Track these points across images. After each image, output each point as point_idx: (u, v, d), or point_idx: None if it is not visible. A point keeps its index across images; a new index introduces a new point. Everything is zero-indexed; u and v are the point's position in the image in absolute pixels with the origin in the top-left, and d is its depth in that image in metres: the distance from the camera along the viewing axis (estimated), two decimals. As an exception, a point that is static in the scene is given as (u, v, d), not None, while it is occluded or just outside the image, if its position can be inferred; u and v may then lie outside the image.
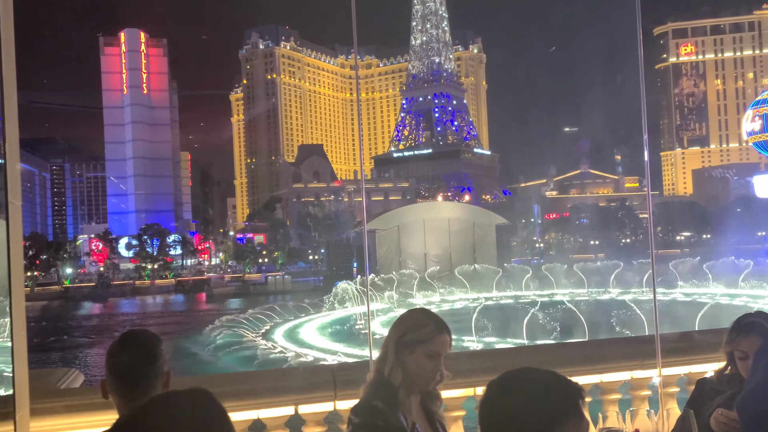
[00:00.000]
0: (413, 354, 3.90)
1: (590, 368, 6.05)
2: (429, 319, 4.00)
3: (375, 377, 3.97)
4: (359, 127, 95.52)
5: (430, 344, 3.90)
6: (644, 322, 33.35)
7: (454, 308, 57.31)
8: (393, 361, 3.91)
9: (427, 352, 3.89)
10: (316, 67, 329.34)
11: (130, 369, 3.61)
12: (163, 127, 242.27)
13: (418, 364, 3.89)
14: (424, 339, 3.90)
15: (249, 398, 5.29)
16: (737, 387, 4.42)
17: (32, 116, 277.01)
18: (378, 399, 3.80)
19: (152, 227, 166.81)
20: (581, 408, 2.32)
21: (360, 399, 3.94)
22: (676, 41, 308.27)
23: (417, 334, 3.92)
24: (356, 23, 5.82)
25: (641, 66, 5.93)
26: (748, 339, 4.40)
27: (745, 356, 4.39)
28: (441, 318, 4.03)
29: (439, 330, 3.94)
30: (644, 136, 5.84)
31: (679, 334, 6.78)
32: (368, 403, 3.81)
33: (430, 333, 3.91)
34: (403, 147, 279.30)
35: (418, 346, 3.90)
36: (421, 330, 3.93)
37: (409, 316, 4.05)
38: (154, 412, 1.91)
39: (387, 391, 3.85)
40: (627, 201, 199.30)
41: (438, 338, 3.92)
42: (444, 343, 3.95)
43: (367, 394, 3.91)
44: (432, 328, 3.94)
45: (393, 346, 3.94)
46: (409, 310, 4.16)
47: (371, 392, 3.90)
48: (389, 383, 3.88)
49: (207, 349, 46.74)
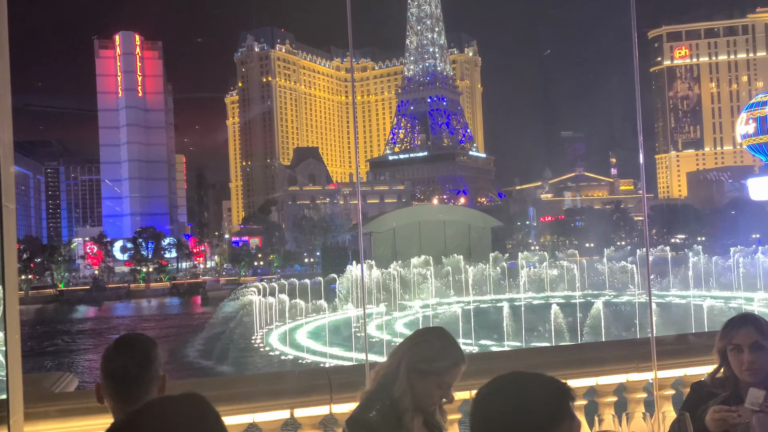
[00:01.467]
0: (424, 381, 3.79)
1: (586, 371, 6.05)
2: (446, 351, 3.83)
3: (374, 388, 3.89)
4: (355, 129, 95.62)
5: (444, 377, 3.80)
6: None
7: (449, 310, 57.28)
8: (404, 384, 3.80)
9: (439, 383, 3.80)
10: (312, 69, 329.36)
11: (125, 373, 3.58)
12: (158, 130, 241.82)
13: (426, 391, 3.80)
14: (439, 372, 3.79)
15: (244, 402, 5.27)
16: (731, 389, 4.44)
17: (27, 119, 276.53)
18: (373, 410, 3.73)
19: (147, 230, 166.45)
20: (572, 409, 2.33)
21: (355, 409, 3.88)
22: (670, 44, 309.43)
23: (432, 366, 3.78)
24: (352, 26, 5.82)
25: (636, 69, 5.94)
26: (742, 331, 4.40)
27: (739, 349, 4.40)
28: (458, 346, 3.89)
29: (455, 365, 3.81)
30: (639, 138, 5.85)
31: (675, 336, 6.79)
32: (363, 416, 3.74)
33: (446, 368, 3.79)
34: (398, 150, 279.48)
35: (431, 376, 3.79)
36: (437, 363, 3.78)
37: (427, 341, 3.88)
38: (148, 416, 1.91)
39: (385, 404, 3.78)
40: (622, 203, 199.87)
41: (452, 372, 3.82)
42: (457, 375, 3.85)
43: (363, 405, 3.84)
44: (449, 363, 3.80)
45: (405, 370, 3.81)
46: (426, 330, 4.02)
47: (367, 404, 3.82)
48: (393, 400, 3.79)
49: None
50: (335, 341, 41.11)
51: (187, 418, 1.93)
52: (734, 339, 4.44)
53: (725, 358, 4.52)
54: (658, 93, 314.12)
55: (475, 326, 40.01)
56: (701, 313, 38.85)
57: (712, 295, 61.02)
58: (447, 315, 49.91)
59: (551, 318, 37.77)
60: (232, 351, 43.88)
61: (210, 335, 54.98)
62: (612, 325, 38.39)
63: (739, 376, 4.40)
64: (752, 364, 4.31)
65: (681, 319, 39.80)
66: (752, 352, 4.32)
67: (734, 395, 4.40)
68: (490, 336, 39.45)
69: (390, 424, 3.72)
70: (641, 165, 6.08)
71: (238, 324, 51.83)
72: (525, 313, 41.13)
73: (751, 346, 4.34)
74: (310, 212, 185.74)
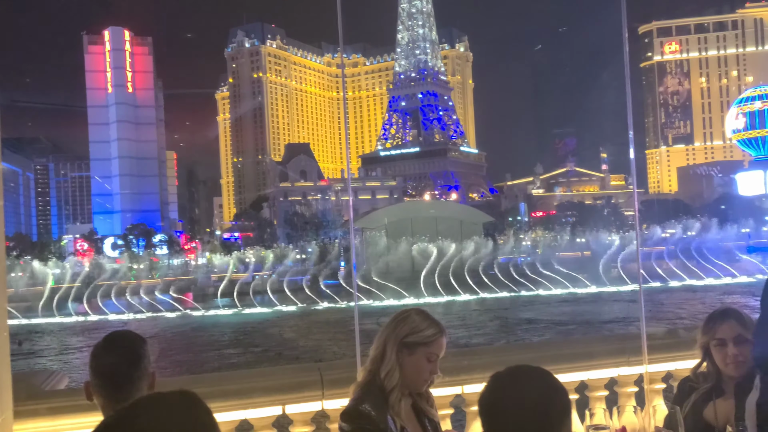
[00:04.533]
0: (413, 356, 3.90)
1: (577, 365, 6.07)
2: (430, 321, 4.00)
3: (366, 378, 3.96)
4: (346, 125, 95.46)
5: (432, 347, 3.92)
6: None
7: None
8: (392, 362, 3.89)
9: (428, 354, 3.91)
10: (303, 65, 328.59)
11: (114, 370, 3.57)
12: (149, 126, 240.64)
13: (416, 366, 3.90)
14: (427, 341, 3.91)
15: (236, 398, 5.25)
16: (713, 381, 4.50)
17: (15, 115, 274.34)
18: (367, 402, 3.77)
19: (138, 227, 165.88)
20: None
21: (349, 402, 3.92)
22: (660, 40, 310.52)
23: (419, 336, 3.91)
24: (342, 21, 5.80)
25: (626, 65, 5.95)
26: (725, 325, 4.45)
27: (723, 343, 4.44)
28: (437, 319, 4.05)
29: (440, 333, 3.97)
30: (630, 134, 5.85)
31: (665, 330, 6.83)
32: (356, 407, 3.78)
33: (432, 336, 3.92)
34: (390, 146, 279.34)
35: (419, 348, 3.90)
36: (423, 332, 3.93)
37: (409, 316, 4.01)
38: (139, 413, 1.89)
39: (376, 394, 3.84)
40: (612, 199, 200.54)
41: (439, 341, 3.95)
42: (443, 346, 3.99)
43: (356, 397, 3.89)
44: (434, 330, 3.95)
45: (393, 347, 3.92)
46: (405, 310, 4.14)
47: (360, 395, 3.87)
48: (381, 386, 3.87)
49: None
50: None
51: (179, 415, 1.91)
52: (717, 333, 4.48)
53: (708, 353, 4.57)
54: (648, 88, 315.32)
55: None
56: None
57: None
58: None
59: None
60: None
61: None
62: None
63: (723, 370, 4.46)
64: (737, 357, 4.36)
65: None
66: (736, 345, 4.37)
67: (716, 388, 4.46)
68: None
69: (385, 413, 3.78)
70: (632, 160, 6.09)
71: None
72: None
73: (735, 339, 4.39)
74: (301, 208, 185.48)
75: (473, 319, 55.12)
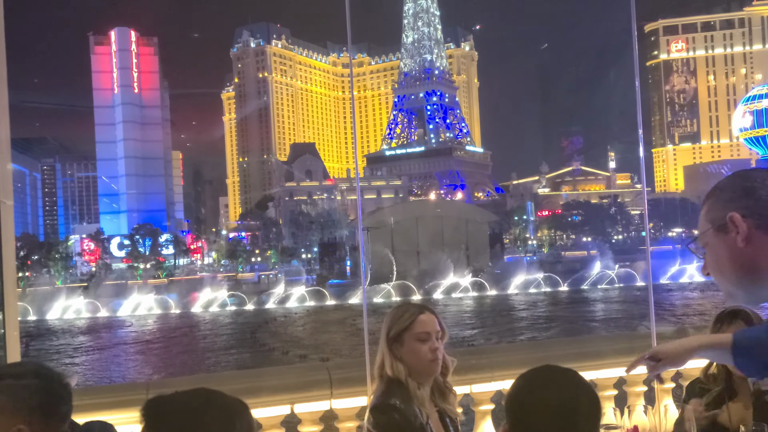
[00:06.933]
0: (404, 345, 3.92)
1: (586, 364, 6.05)
2: (405, 306, 4.06)
3: (381, 382, 3.98)
4: (353, 125, 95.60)
5: (414, 327, 3.92)
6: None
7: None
8: (390, 359, 3.92)
9: (416, 336, 3.91)
10: (308, 65, 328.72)
11: None
12: (155, 126, 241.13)
13: (412, 352, 3.90)
14: (407, 326, 3.93)
15: (244, 398, 5.24)
16: (723, 383, 4.44)
17: (23, 116, 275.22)
18: (394, 396, 3.80)
19: (144, 227, 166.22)
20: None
21: (374, 398, 3.94)
22: (666, 38, 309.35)
23: (399, 324, 3.95)
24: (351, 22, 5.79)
25: (636, 63, 5.92)
26: (732, 326, 4.38)
27: None
28: (415, 303, 4.12)
29: (418, 311, 3.97)
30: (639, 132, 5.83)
31: (675, 329, 6.81)
32: (385, 401, 3.81)
33: (409, 318, 3.94)
34: (395, 145, 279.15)
35: (404, 335, 3.93)
36: (401, 319, 3.97)
37: (389, 312, 4.08)
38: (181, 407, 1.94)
39: (398, 388, 3.86)
40: (619, 197, 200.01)
41: (419, 319, 3.94)
42: (427, 322, 3.95)
43: (382, 392, 3.90)
44: (410, 312, 3.97)
45: (385, 346, 3.97)
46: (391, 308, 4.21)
47: (385, 390, 3.89)
48: (397, 380, 3.89)
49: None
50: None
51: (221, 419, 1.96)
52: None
53: None
54: (655, 87, 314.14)
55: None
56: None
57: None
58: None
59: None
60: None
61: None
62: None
63: (733, 370, 4.40)
64: None
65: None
66: None
67: (727, 389, 4.42)
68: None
69: (411, 405, 3.80)
70: (641, 159, 6.06)
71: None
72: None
73: None
74: (307, 208, 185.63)
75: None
